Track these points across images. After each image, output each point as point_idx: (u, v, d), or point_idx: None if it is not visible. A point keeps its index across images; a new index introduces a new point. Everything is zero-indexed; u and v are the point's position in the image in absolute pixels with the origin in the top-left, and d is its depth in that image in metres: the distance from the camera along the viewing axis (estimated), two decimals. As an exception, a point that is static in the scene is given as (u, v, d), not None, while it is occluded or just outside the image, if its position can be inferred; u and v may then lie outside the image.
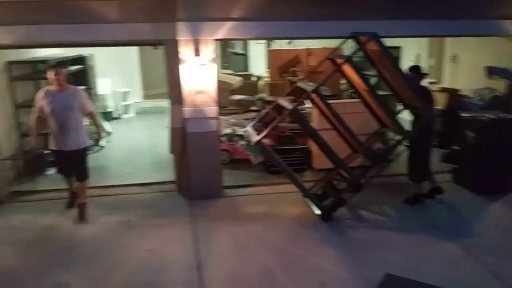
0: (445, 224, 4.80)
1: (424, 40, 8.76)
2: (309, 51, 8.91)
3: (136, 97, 10.69)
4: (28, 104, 6.08)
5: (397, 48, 8.21)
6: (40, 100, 4.69)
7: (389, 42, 4.87)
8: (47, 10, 4.87)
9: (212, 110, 5.38)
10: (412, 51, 8.85)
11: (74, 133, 4.74)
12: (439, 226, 4.72)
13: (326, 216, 4.84)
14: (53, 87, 4.67)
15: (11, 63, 6.10)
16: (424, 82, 5.79)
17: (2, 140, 5.71)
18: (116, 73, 10.06)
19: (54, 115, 4.64)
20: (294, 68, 8.89)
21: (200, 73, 5.22)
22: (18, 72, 6.26)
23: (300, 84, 5.10)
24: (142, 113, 10.53)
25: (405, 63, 7.74)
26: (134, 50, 10.46)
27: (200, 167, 5.48)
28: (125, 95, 10.25)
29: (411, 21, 5.51)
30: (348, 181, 4.89)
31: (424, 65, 8.24)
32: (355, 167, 5.12)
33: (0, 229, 4.78)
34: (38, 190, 5.62)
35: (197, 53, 5.16)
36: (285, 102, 4.91)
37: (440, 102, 6.95)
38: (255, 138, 4.76)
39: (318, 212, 4.87)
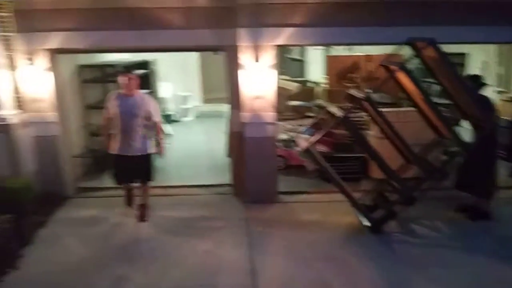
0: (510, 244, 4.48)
1: (493, 47, 8.24)
2: (368, 57, 8.69)
3: (195, 101, 11.00)
4: (96, 106, 6.50)
5: (461, 55, 7.77)
6: (110, 102, 4.83)
7: (453, 48, 4.62)
8: (119, 18, 5.16)
9: (270, 115, 5.40)
10: (479, 58, 8.35)
11: (138, 139, 4.76)
12: (506, 246, 4.40)
13: (376, 229, 4.69)
14: (123, 91, 4.77)
15: (83, 66, 6.51)
16: (490, 91, 5.44)
17: (73, 138, 6.10)
18: (177, 77, 10.42)
19: (120, 119, 4.72)
20: (353, 75, 8.72)
21: (259, 79, 5.26)
22: (88, 75, 6.66)
23: (351, 91, 4.99)
24: (201, 116, 10.81)
25: (471, 71, 7.32)
26: (194, 56, 10.78)
27: (256, 172, 5.52)
28: (185, 99, 10.58)
29: (477, 27, 5.18)
30: (400, 193, 4.69)
31: (492, 73, 7.75)
32: (408, 178, 4.89)
33: (68, 223, 5.09)
34: (104, 187, 5.93)
35: (257, 59, 5.22)
36: (335, 110, 4.83)
37: (509, 112, 6.50)
38: (303, 145, 4.72)
39: (367, 223, 4.73)
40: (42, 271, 4.09)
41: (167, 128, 4.77)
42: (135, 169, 4.88)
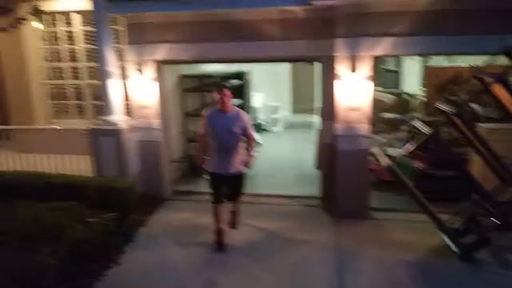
0: None
1: None
2: (472, 68, 8.03)
3: (285, 111, 11.08)
4: (194, 113, 6.85)
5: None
6: (205, 119, 4.69)
7: None
8: (220, 30, 5.41)
9: (364, 128, 5.23)
10: None
11: (233, 157, 4.59)
12: None
13: (466, 256, 4.27)
14: (218, 107, 4.60)
15: (184, 76, 6.91)
16: None
17: (174, 143, 6.48)
18: (268, 87, 10.60)
19: (215, 136, 4.56)
20: (455, 87, 8.11)
21: (355, 90, 5.13)
22: (188, 85, 7.06)
23: (439, 105, 4.59)
24: (290, 127, 10.86)
25: None
26: (286, 66, 10.89)
27: (347, 186, 5.37)
28: (275, 109, 10.72)
29: None
30: (495, 217, 4.22)
31: None
32: (505, 202, 4.38)
33: (165, 224, 5.38)
34: (198, 191, 6.20)
35: (353, 69, 5.10)
36: (422, 125, 4.50)
37: None
38: (385, 161, 4.46)
39: (455, 249, 4.33)
40: (140, 268, 4.38)
41: (257, 137, 4.75)
42: (230, 187, 4.78)
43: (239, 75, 8.34)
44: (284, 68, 10.81)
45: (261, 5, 5.07)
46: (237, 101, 6.91)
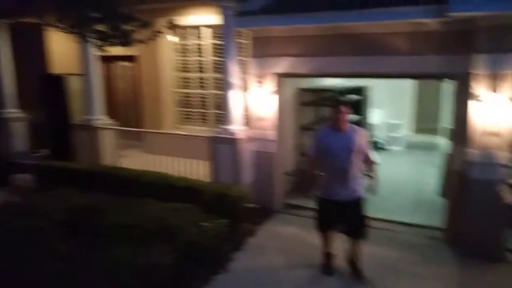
0: None
1: None
2: None
3: (405, 130, 10.38)
4: (309, 127, 6.76)
5: None
6: (318, 138, 4.25)
7: None
8: (344, 43, 5.25)
9: (504, 155, 4.56)
10: None
11: (350, 181, 4.07)
12: None
13: None
14: (333, 125, 4.12)
15: (302, 90, 6.88)
16: None
17: (287, 156, 6.47)
18: (389, 104, 10.05)
19: (330, 157, 4.07)
20: None
21: (495, 112, 4.51)
22: (305, 98, 7.00)
23: None
24: (411, 147, 10.11)
25: None
26: (410, 82, 10.19)
27: (478, 220, 4.71)
28: (395, 127, 10.10)
29: None
30: None
31: None
32: None
33: (273, 236, 5.36)
34: (309, 207, 6.06)
35: (494, 89, 4.49)
36: None
37: None
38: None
39: None
40: (247, 278, 4.39)
41: (375, 156, 4.36)
42: (344, 216, 4.20)
43: (358, 90, 8.04)
44: (408, 84, 10.13)
45: (393, 18, 4.75)
46: (354, 117, 6.64)
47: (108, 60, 8.50)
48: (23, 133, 8.27)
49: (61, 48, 8.71)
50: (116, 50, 5.23)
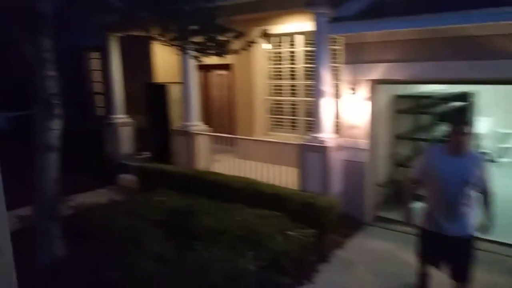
0: None
1: None
2: None
3: (518, 141, 9.27)
4: (404, 136, 6.37)
5: None
6: (427, 159, 3.67)
7: None
8: (445, 47, 4.87)
9: None
10: None
11: (461, 214, 3.47)
12: None
13: None
14: (450, 147, 3.47)
15: (398, 96, 6.51)
16: None
17: (379, 166, 6.17)
18: (497, 111, 9.07)
19: (439, 185, 3.48)
20: None
21: None
22: (402, 105, 6.61)
23: None
24: (524, 159, 9.00)
25: None
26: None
27: None
28: (506, 136, 9.08)
29: None
30: None
31: None
32: None
33: (362, 250, 5.14)
34: (402, 221, 5.69)
35: None
36: None
37: None
38: None
39: None
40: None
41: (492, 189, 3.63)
42: (452, 256, 3.59)
43: (462, 97, 7.40)
44: (523, 90, 9.04)
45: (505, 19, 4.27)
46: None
47: (205, 69, 8.92)
48: (129, 136, 9.05)
49: (163, 58, 9.38)
50: (212, 59, 5.47)
